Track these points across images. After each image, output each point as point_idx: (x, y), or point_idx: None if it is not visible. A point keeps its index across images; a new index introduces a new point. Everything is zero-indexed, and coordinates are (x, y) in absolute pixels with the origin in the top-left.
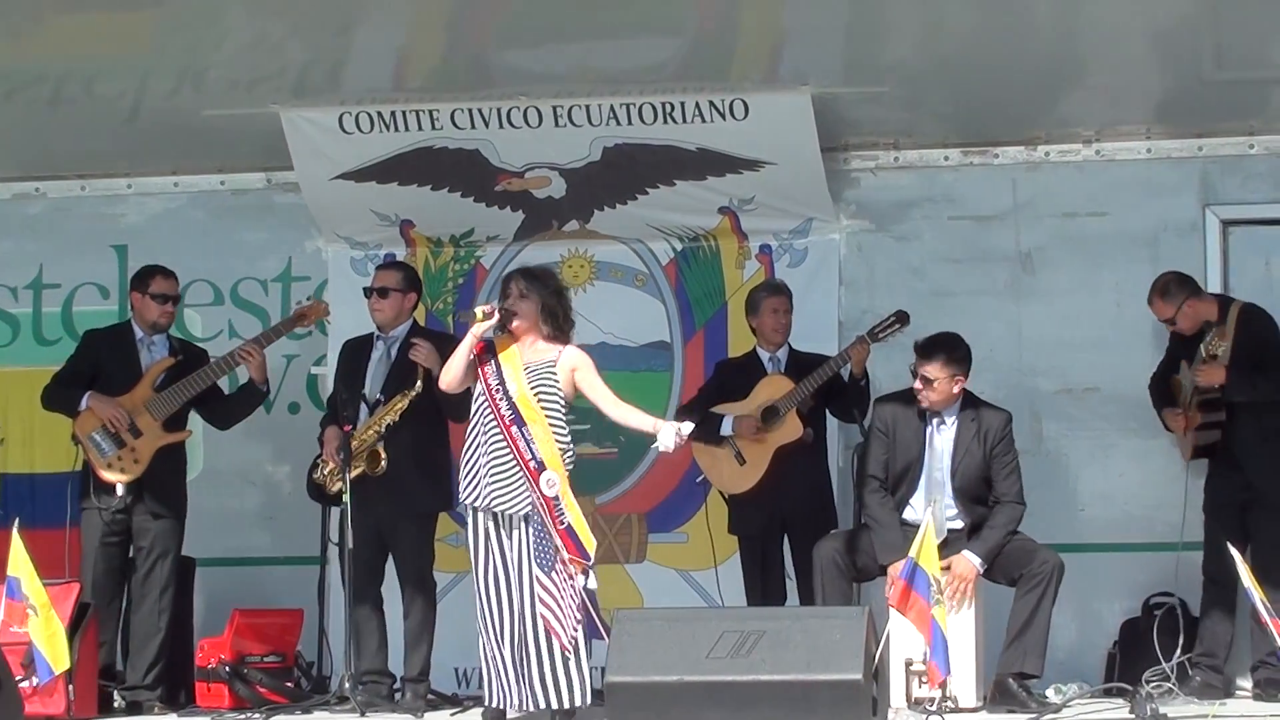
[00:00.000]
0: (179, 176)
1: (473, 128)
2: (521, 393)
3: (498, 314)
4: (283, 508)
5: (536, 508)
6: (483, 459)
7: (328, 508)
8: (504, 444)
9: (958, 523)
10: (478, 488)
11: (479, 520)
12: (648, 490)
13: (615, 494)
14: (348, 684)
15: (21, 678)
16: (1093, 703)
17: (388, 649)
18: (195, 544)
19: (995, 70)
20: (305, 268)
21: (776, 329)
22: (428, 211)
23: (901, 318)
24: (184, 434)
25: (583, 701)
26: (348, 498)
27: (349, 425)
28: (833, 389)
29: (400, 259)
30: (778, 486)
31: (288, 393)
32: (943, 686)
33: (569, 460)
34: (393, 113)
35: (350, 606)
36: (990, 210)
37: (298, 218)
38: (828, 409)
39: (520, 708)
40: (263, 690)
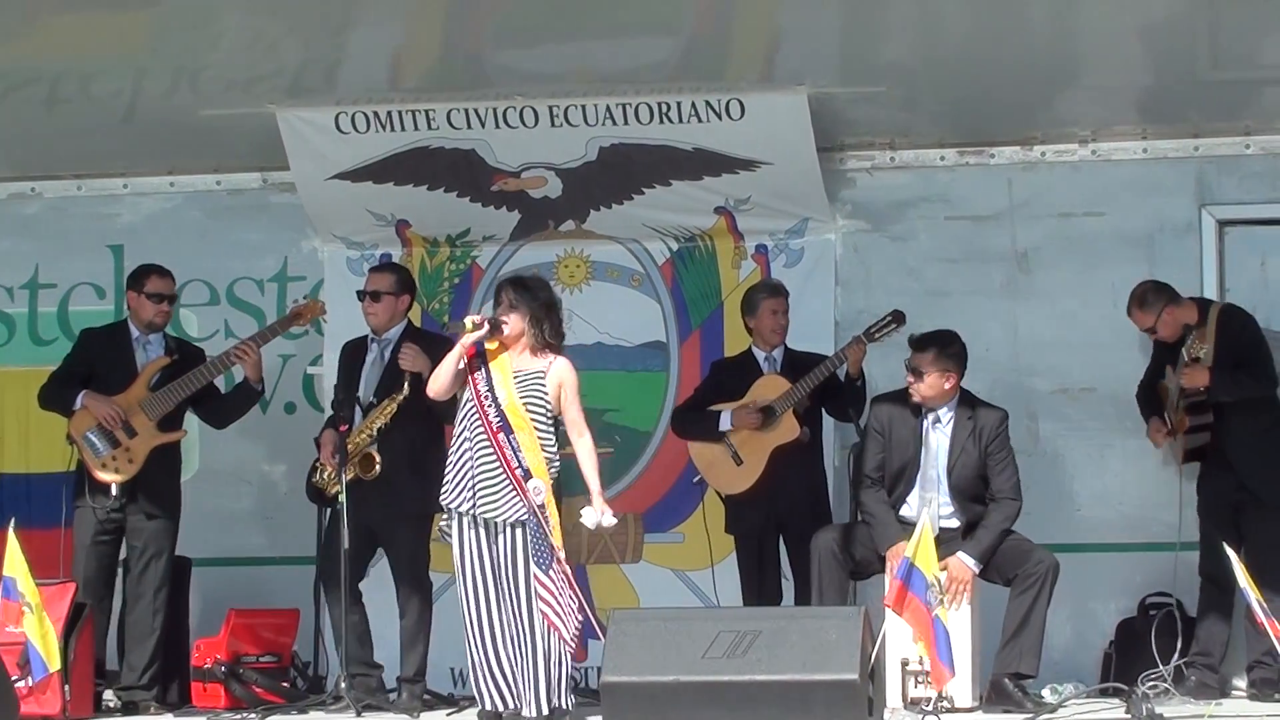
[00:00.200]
0: (175, 176)
1: (469, 128)
2: (510, 400)
3: (486, 324)
4: (279, 508)
5: (533, 510)
6: (469, 465)
7: (332, 510)
8: (491, 451)
9: (953, 521)
10: (463, 494)
11: (464, 526)
12: (644, 490)
13: (611, 494)
14: (343, 684)
15: (18, 678)
16: (1089, 703)
17: (371, 640)
18: (191, 544)
19: (991, 70)
20: (301, 267)
21: (774, 330)
22: (424, 211)
23: (898, 318)
24: (179, 434)
25: (569, 704)
26: (343, 498)
27: (345, 427)
28: (828, 389)
29: (395, 259)
30: (774, 486)
31: (284, 393)
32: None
33: (554, 471)
34: (389, 113)
35: (332, 605)
36: (986, 210)
37: (294, 218)
38: (823, 409)
39: (510, 709)
40: (259, 690)
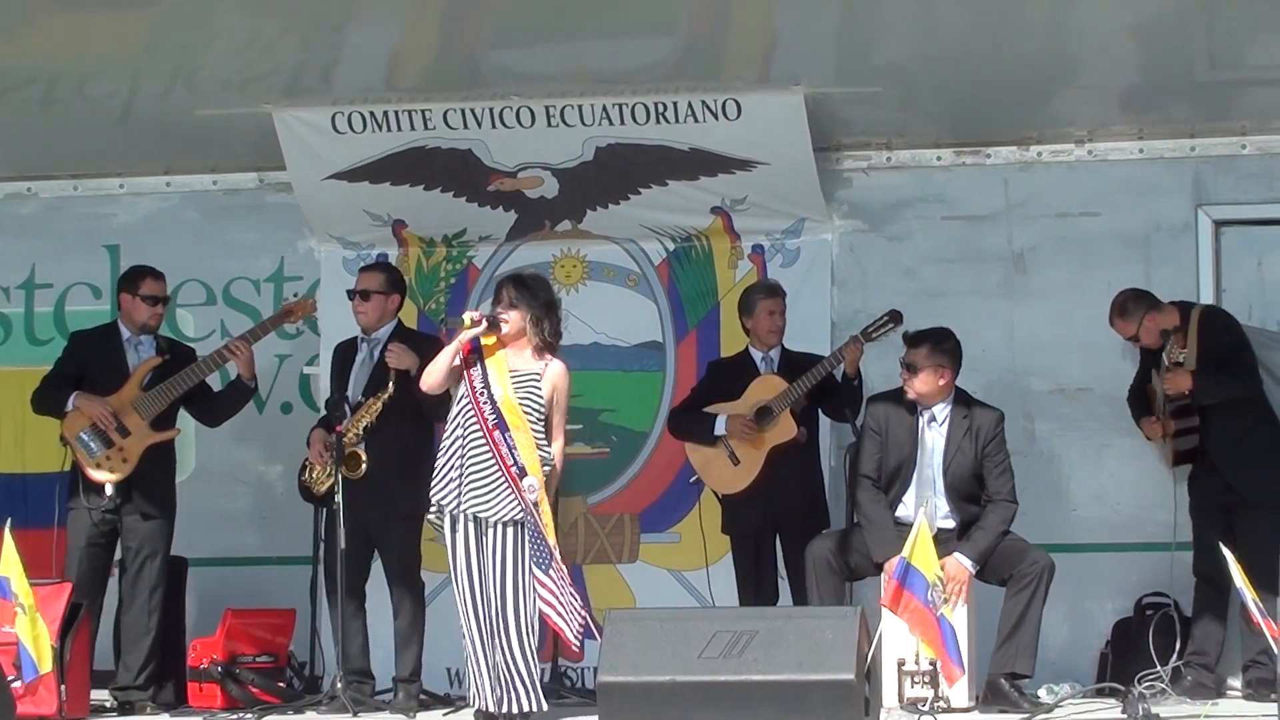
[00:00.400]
0: (171, 176)
1: (465, 128)
2: (506, 397)
3: (485, 322)
4: (275, 508)
5: (529, 510)
6: (462, 463)
7: (324, 509)
8: (485, 448)
9: (949, 521)
10: (458, 493)
11: (457, 525)
12: (640, 490)
13: (607, 494)
14: (339, 684)
15: (14, 678)
16: (1085, 703)
17: (369, 650)
18: (187, 544)
19: (988, 70)
20: (297, 268)
21: (772, 330)
22: (420, 211)
23: (895, 317)
24: (172, 433)
25: (537, 709)
26: (339, 498)
27: (340, 426)
28: (825, 388)
29: (392, 259)
30: (771, 486)
31: (280, 393)
32: (936, 685)
33: (547, 469)
34: (385, 113)
35: (334, 606)
36: (983, 210)
37: (290, 218)
38: (820, 409)
39: (498, 709)
40: (255, 690)
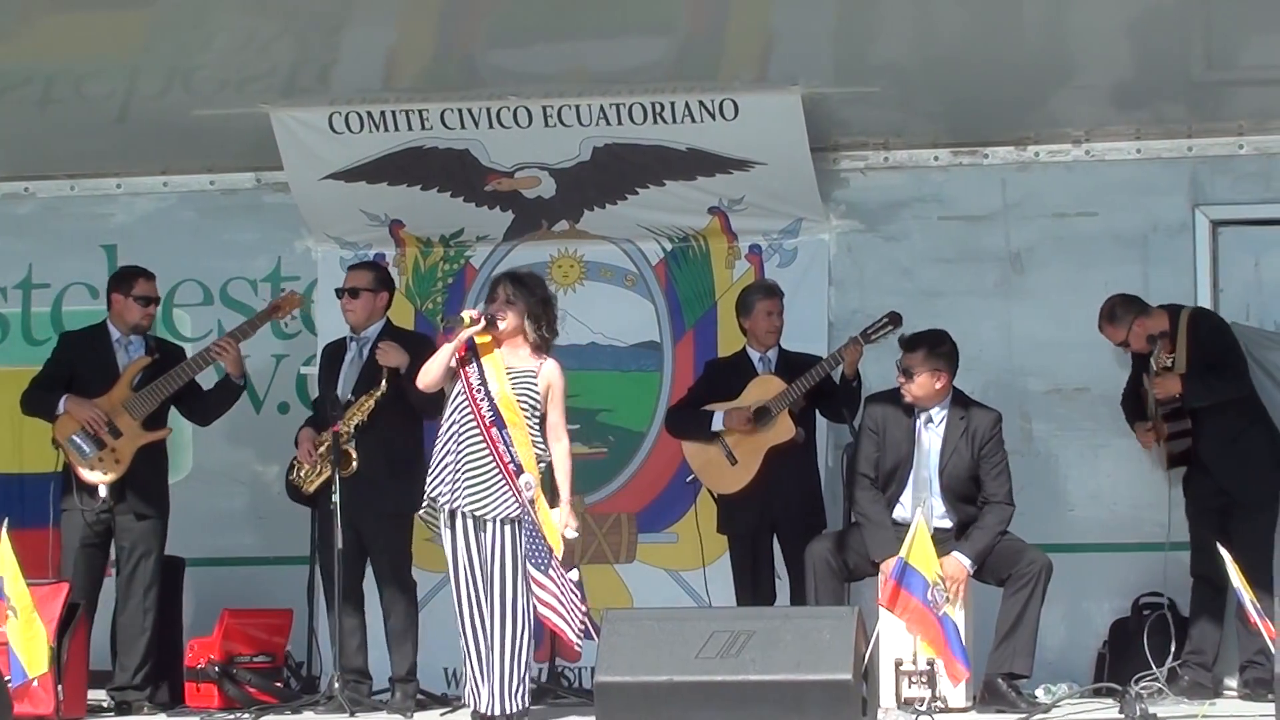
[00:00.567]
0: (168, 176)
1: (462, 128)
2: (504, 394)
3: (484, 320)
4: (272, 508)
5: (527, 508)
6: (458, 460)
7: (316, 509)
8: (483, 445)
9: (945, 521)
10: (455, 490)
11: (455, 522)
12: (637, 490)
13: (605, 494)
14: (336, 684)
15: (10, 678)
16: (1082, 703)
17: (367, 650)
18: (185, 544)
19: (985, 70)
20: (295, 267)
21: (770, 330)
22: (417, 211)
23: (894, 319)
24: (164, 432)
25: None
26: (336, 498)
27: (337, 426)
28: (823, 389)
29: (389, 259)
30: (768, 487)
31: (277, 393)
32: (933, 684)
33: (543, 467)
34: (382, 113)
35: (331, 606)
36: (980, 210)
37: (287, 217)
38: (817, 409)
39: (487, 709)
40: (252, 690)
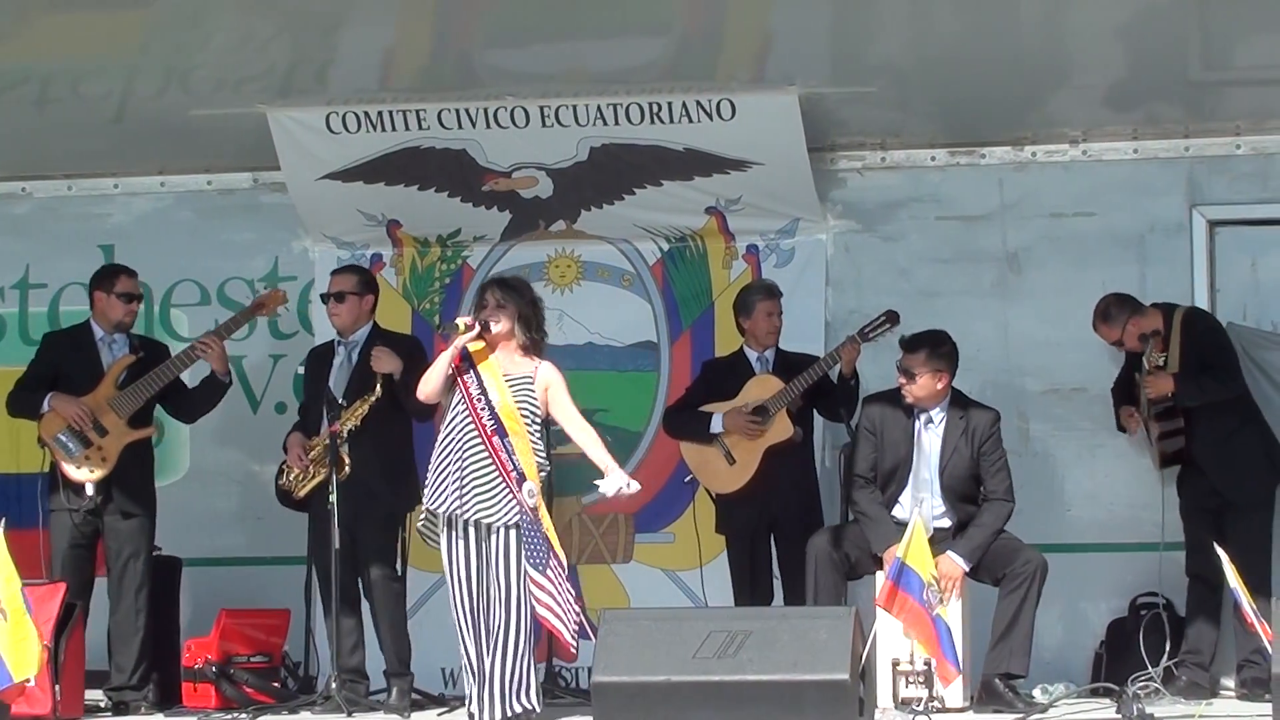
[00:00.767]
0: (166, 176)
1: (459, 128)
2: (504, 403)
3: (478, 326)
4: (269, 508)
5: (526, 512)
6: (459, 468)
7: (309, 512)
8: (485, 454)
9: (945, 521)
10: (451, 497)
11: (455, 529)
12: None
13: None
14: (334, 684)
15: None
16: (1079, 703)
17: (365, 650)
18: (182, 544)
19: (982, 71)
20: (292, 267)
21: (770, 331)
22: (414, 211)
23: (892, 318)
24: (149, 430)
25: (535, 708)
26: (334, 498)
27: (335, 428)
28: (821, 389)
29: (386, 260)
30: (766, 486)
31: (274, 393)
32: (930, 684)
33: (544, 474)
34: (379, 113)
35: (328, 606)
36: (977, 210)
37: (284, 218)
38: (815, 409)
39: (486, 713)
40: (249, 690)
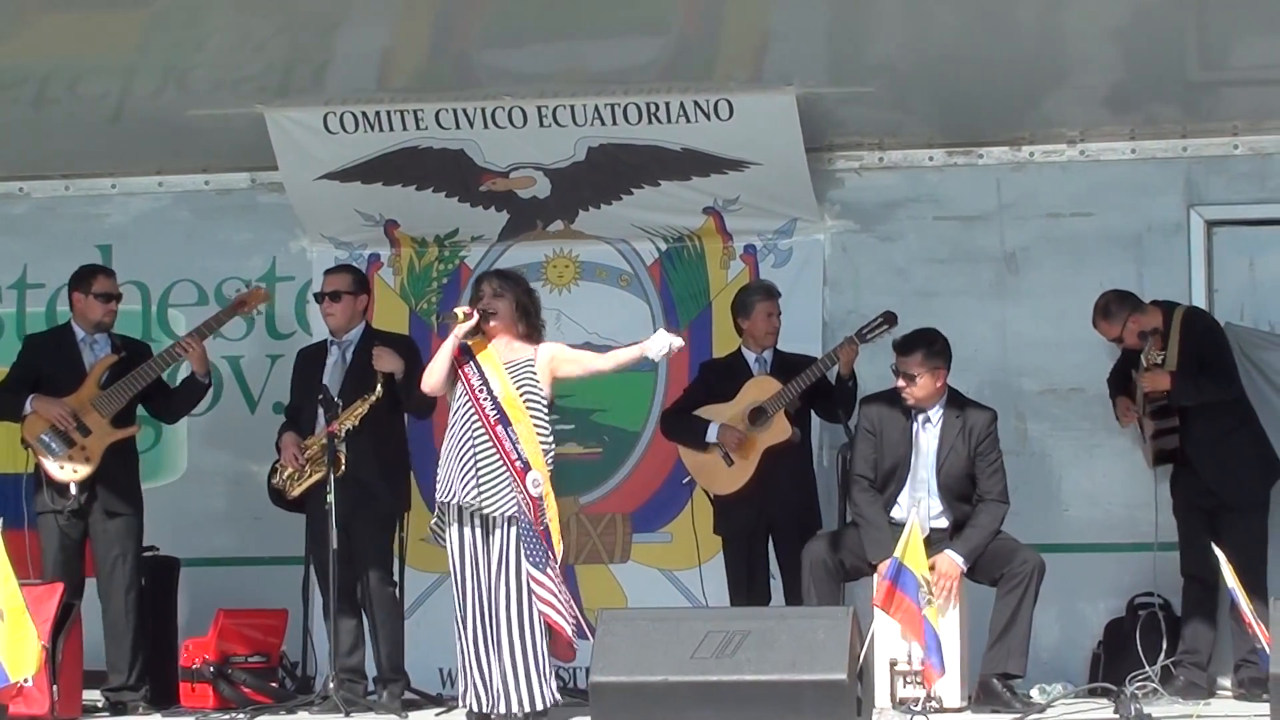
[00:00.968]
0: (163, 176)
1: (457, 128)
2: (506, 392)
3: (477, 315)
4: (266, 508)
5: (522, 507)
6: (465, 460)
7: (304, 512)
8: (490, 444)
9: (942, 521)
10: (466, 489)
11: (462, 522)
12: (632, 490)
13: (599, 494)
14: (331, 684)
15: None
16: (1077, 703)
17: (363, 650)
18: (179, 544)
19: (980, 70)
20: (289, 268)
21: (769, 332)
22: (412, 211)
23: (889, 319)
24: (133, 429)
25: (554, 701)
26: (331, 498)
27: (333, 427)
28: (819, 389)
29: (384, 259)
30: (765, 487)
31: (272, 393)
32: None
33: (550, 461)
34: (377, 113)
35: (326, 606)
36: (975, 210)
37: (282, 218)
38: (813, 409)
39: (493, 709)
40: (247, 690)
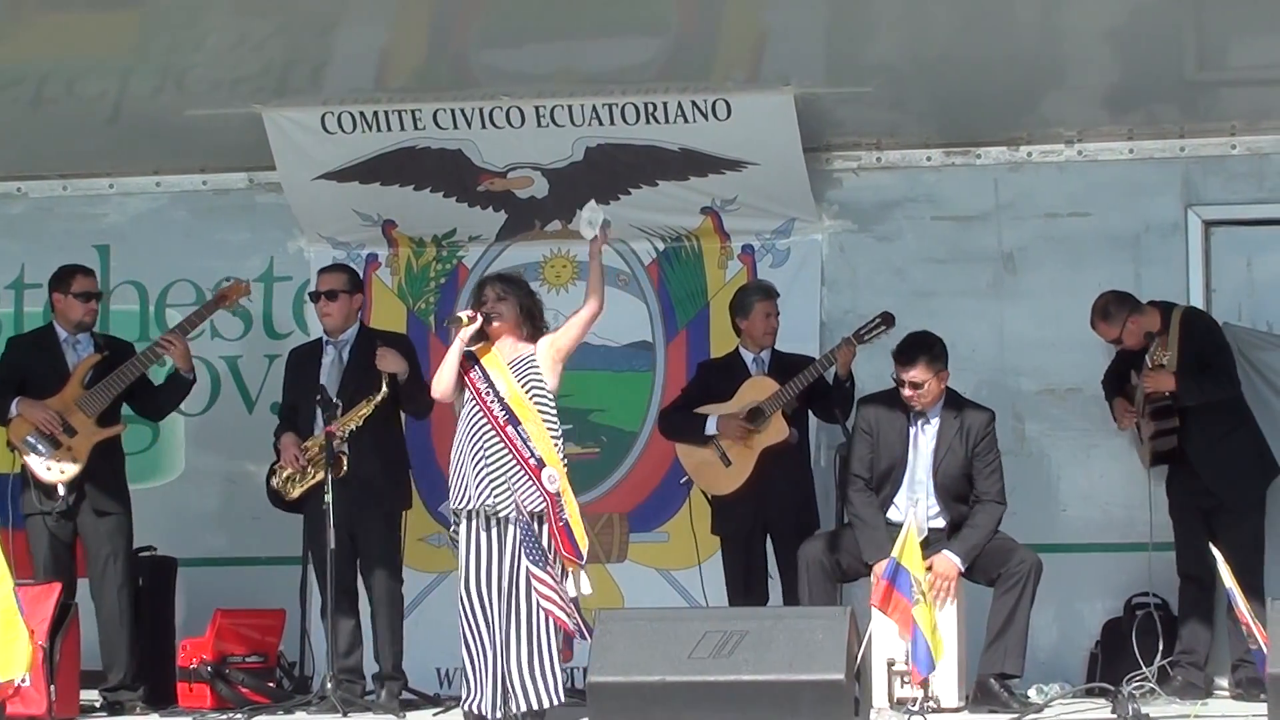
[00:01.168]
0: (161, 176)
1: (455, 128)
2: (512, 391)
3: (480, 318)
4: (264, 508)
5: (520, 509)
6: (476, 463)
7: (303, 513)
8: (501, 446)
9: (939, 521)
10: (481, 493)
11: (474, 525)
12: (629, 490)
13: (597, 494)
14: (329, 684)
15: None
16: (1075, 703)
17: (361, 650)
18: (177, 544)
19: (978, 70)
20: (287, 268)
21: (767, 332)
22: (410, 211)
23: (887, 319)
24: (119, 428)
25: (557, 701)
26: (329, 498)
27: (332, 428)
28: (816, 390)
29: (381, 259)
30: (762, 487)
31: (270, 393)
32: (924, 685)
33: (562, 455)
34: (375, 113)
35: (324, 606)
36: (972, 210)
37: (280, 218)
38: (810, 410)
39: (496, 709)
40: (245, 690)
